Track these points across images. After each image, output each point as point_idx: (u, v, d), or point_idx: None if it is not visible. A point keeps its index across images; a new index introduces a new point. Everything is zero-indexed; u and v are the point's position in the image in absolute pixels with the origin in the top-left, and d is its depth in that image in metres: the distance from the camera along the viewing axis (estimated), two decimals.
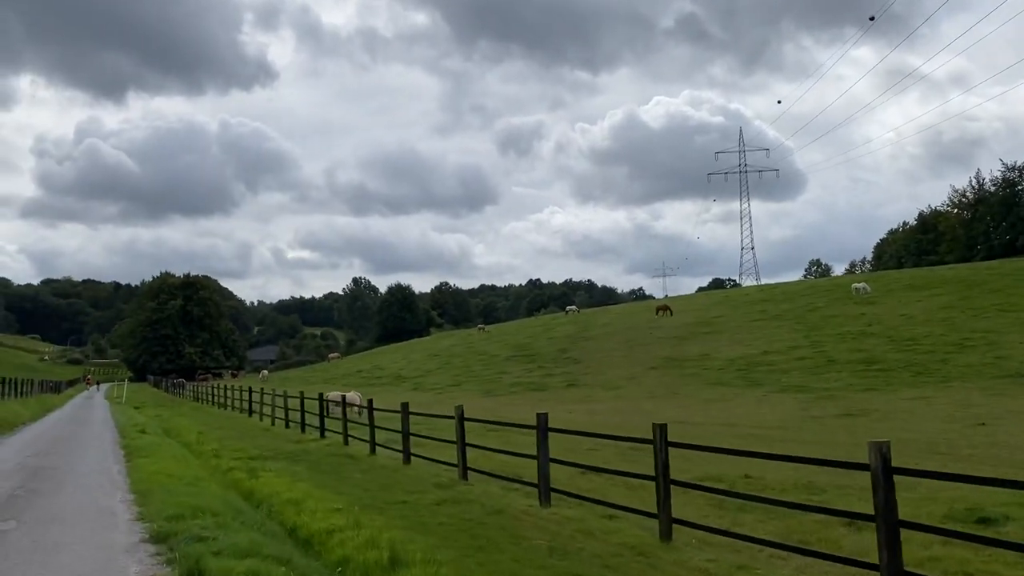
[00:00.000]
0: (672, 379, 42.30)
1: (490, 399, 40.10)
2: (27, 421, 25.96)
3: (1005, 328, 40.35)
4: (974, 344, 37.87)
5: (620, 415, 28.52)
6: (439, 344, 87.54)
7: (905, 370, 34.72)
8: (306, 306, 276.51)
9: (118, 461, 13.89)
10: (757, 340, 50.97)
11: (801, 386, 34.48)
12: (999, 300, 48.87)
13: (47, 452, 15.69)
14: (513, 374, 52.95)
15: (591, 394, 38.97)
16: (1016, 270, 59.50)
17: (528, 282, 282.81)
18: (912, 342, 41.42)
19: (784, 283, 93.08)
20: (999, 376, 29.89)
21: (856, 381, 33.97)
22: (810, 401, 30.45)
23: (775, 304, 66.67)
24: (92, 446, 17.37)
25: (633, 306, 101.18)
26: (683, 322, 66.44)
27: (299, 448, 17.19)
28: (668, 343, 56.67)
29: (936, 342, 40.06)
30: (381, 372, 69.03)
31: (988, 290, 53.31)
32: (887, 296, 59.33)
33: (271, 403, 27.03)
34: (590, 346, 62.03)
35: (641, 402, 34.15)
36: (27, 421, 25.96)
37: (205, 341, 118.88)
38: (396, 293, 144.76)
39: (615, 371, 48.03)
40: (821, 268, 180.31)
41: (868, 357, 39.30)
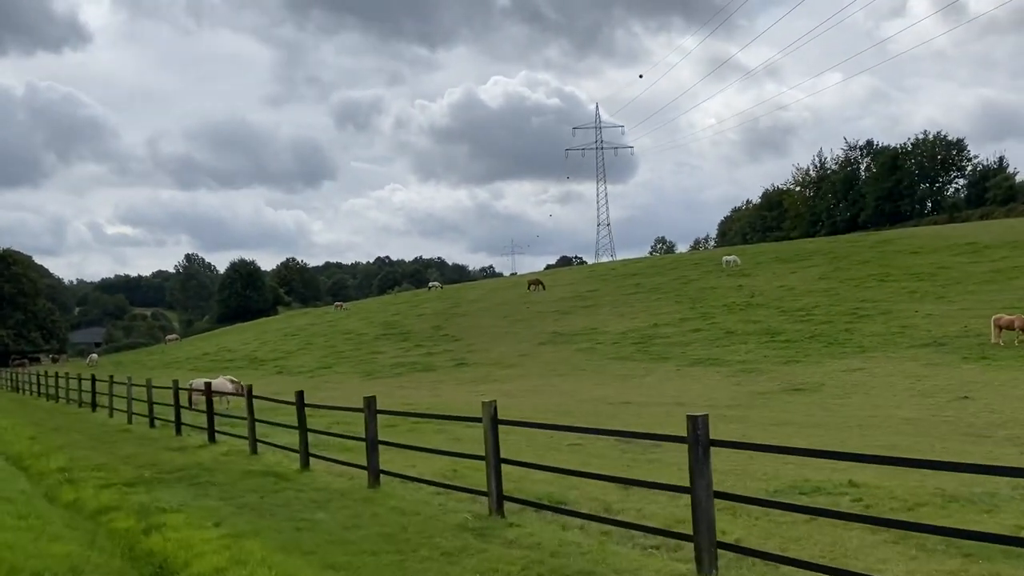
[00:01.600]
0: (568, 354, 39.59)
1: (375, 382, 35.81)
2: None
3: (890, 298, 40.40)
4: (868, 314, 37.47)
5: (544, 396, 25.25)
6: (293, 323, 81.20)
7: (813, 340, 33.56)
8: (132, 284, 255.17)
9: None
10: (641, 313, 49.39)
11: (714, 359, 32.57)
12: (873, 271, 49.61)
13: None
14: (388, 354, 48.63)
15: (488, 373, 35.52)
16: (877, 242, 61.30)
17: (376, 260, 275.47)
18: (804, 312, 40.78)
19: (648, 257, 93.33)
20: (917, 346, 28.99)
21: (770, 353, 32.42)
22: (735, 375, 28.39)
23: (647, 278, 65.83)
24: None
25: (499, 281, 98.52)
26: (558, 296, 64.43)
27: (191, 461, 12.46)
28: (549, 317, 54.24)
29: (828, 312, 39.55)
30: (231, 354, 62.48)
31: (856, 261, 54.29)
32: (758, 268, 59.54)
33: (125, 395, 21.45)
34: (465, 322, 58.62)
35: (550, 380, 31.05)
36: None
37: (19, 322, 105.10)
38: (239, 269, 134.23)
39: (502, 347, 44.87)
40: (666, 245, 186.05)
41: (766, 328, 38.15)
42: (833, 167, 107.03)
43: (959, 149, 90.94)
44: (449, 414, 12.13)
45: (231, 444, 14.58)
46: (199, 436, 16.25)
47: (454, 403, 23.99)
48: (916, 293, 40.31)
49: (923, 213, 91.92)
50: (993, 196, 79.73)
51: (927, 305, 36.86)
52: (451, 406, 22.32)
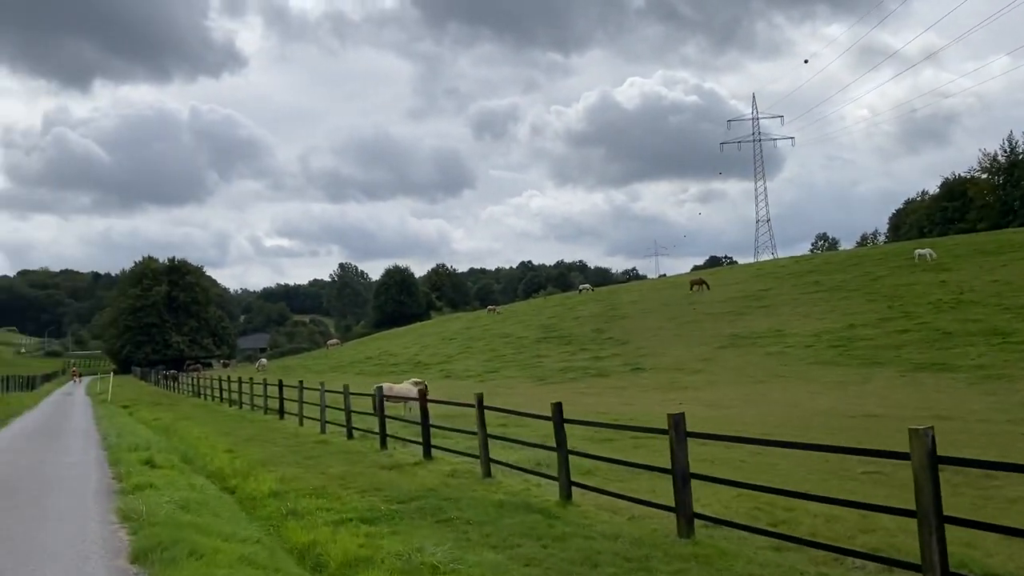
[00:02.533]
0: (756, 358, 36.12)
1: (548, 388, 33.71)
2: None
3: None
4: None
5: (759, 406, 22.20)
6: (449, 327, 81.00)
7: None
8: (291, 293, 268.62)
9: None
10: (830, 313, 44.96)
11: (939, 363, 28.36)
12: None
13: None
14: (553, 358, 46.62)
15: (672, 379, 32.64)
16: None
17: (520, 264, 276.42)
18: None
19: (819, 254, 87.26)
20: None
21: (1010, 356, 27.87)
22: (979, 382, 24.25)
23: (825, 275, 60.74)
24: (58, 518, 8.97)
25: (656, 282, 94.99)
26: (725, 296, 60.55)
27: (418, 485, 10.54)
28: (722, 319, 50.64)
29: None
30: (394, 358, 62.43)
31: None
32: (959, 262, 53.48)
33: (317, 402, 20.06)
34: (629, 325, 55.87)
35: (751, 387, 27.85)
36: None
37: (193, 329, 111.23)
38: (394, 276, 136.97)
39: (677, 351, 41.83)
40: (828, 242, 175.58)
41: (991, 328, 33.22)
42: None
43: None
44: (696, 431, 9.77)
45: (450, 461, 12.59)
46: (406, 450, 14.47)
47: (651, 412, 21.45)
48: None
49: None
50: None
51: None
52: (650, 416, 19.73)
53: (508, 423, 19.57)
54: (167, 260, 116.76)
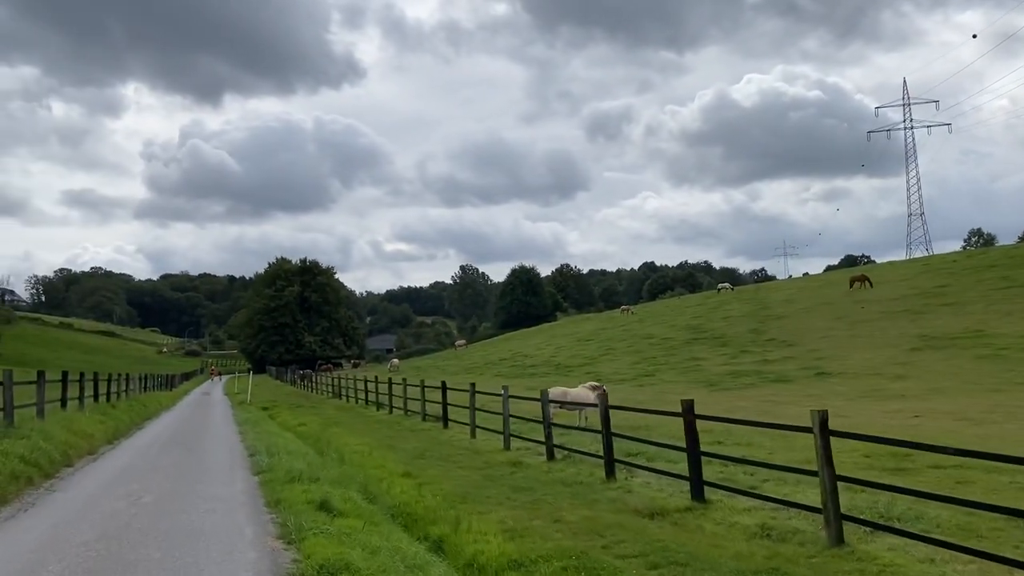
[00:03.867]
0: (967, 362, 30.79)
1: (724, 394, 29.60)
2: (98, 449, 15.34)
3: None
4: None
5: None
6: (582, 327, 77.39)
7: None
8: (413, 295, 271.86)
9: None
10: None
11: None
12: None
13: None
14: (713, 360, 42.26)
15: (876, 386, 27.85)
16: None
17: (642, 265, 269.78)
18: None
19: (998, 248, 78.66)
20: None
21: None
22: None
23: (1010, 270, 53.54)
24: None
25: (807, 280, 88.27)
26: (894, 294, 54.40)
27: (735, 557, 6.85)
28: (900, 318, 44.98)
29: None
30: (529, 359, 59.37)
31: None
32: None
33: (499, 411, 16.72)
34: (790, 325, 50.69)
35: (992, 396, 22.86)
36: (98, 449, 15.34)
37: (324, 329, 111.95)
38: (520, 276, 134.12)
39: (861, 354, 36.72)
40: (984, 238, 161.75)
41: None
42: None
43: None
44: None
45: (675, 489, 9.00)
46: (643, 482, 10.85)
47: (890, 426, 17.19)
48: None
49: None
50: None
51: None
52: (911, 432, 15.45)
53: (723, 439, 15.82)
54: (299, 261, 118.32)
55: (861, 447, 13.83)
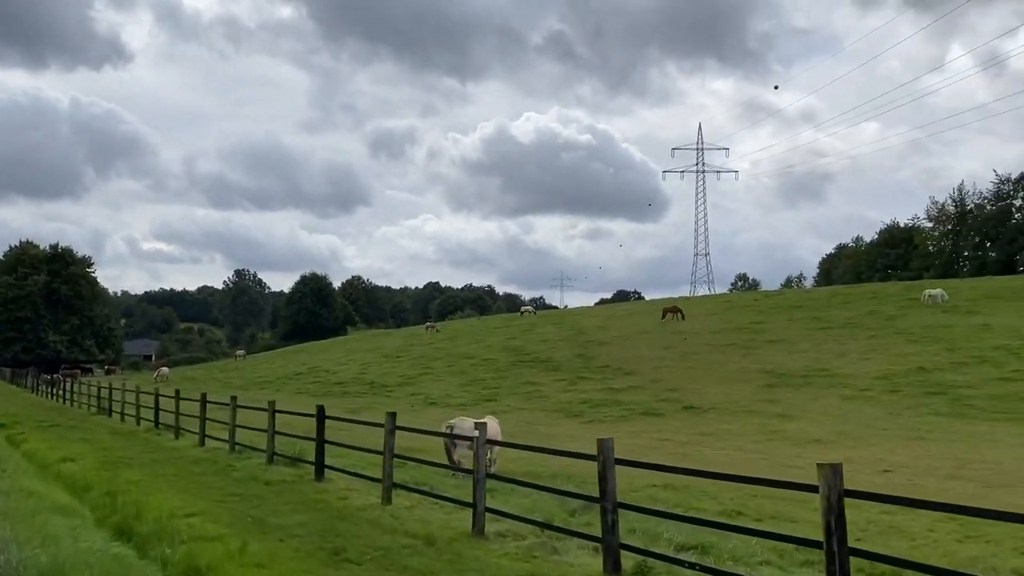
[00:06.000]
0: (838, 402, 29.17)
1: (608, 428, 25.54)
2: None
3: None
4: None
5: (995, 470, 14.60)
6: (386, 343, 71.53)
7: None
8: (177, 299, 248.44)
9: None
10: (876, 354, 38.81)
11: None
12: None
13: None
14: (552, 386, 38.55)
15: (772, 426, 25.05)
16: None
17: (427, 284, 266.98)
18: None
19: (795, 291, 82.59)
20: None
21: None
22: None
23: (822, 311, 55.20)
24: None
25: (613, 308, 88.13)
26: (714, 327, 54.17)
27: None
28: (732, 351, 44.03)
29: None
30: (332, 376, 52.72)
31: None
32: (980, 305, 48.75)
33: (374, 449, 11.02)
34: (617, 352, 48.40)
35: (927, 446, 20.44)
36: None
37: (74, 328, 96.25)
38: (310, 284, 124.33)
39: (715, 387, 34.50)
40: (748, 283, 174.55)
41: None
42: (975, 201, 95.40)
43: None
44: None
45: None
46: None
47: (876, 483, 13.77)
48: None
49: None
50: None
51: None
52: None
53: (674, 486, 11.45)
54: (48, 248, 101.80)
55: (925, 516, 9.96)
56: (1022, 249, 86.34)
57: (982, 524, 8.83)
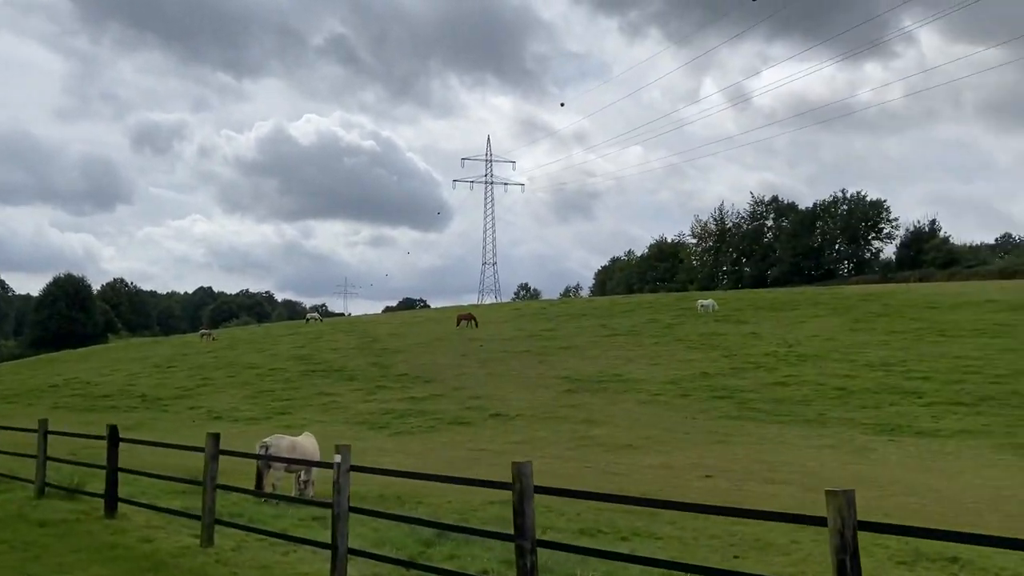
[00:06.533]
0: (635, 406, 30.14)
1: (422, 440, 24.49)
2: None
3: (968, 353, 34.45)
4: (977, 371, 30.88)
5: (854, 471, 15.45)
6: (156, 352, 65.42)
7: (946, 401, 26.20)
8: None
9: None
10: (661, 359, 40.85)
11: (893, 425, 24.25)
12: (896, 325, 44.08)
13: None
14: (349, 396, 36.86)
15: (581, 431, 25.16)
16: (865, 296, 56.58)
17: (198, 290, 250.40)
18: (884, 367, 33.82)
19: (574, 300, 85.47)
20: None
21: (945, 413, 24.57)
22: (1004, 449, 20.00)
23: (608, 319, 57.72)
24: None
25: (407, 315, 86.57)
26: (507, 335, 54.90)
27: None
28: (527, 358, 44.66)
29: (929, 367, 32.73)
30: (96, 388, 47.17)
31: (870, 313, 48.88)
32: (747, 315, 53.02)
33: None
34: (415, 360, 47.42)
35: (729, 448, 21.28)
36: None
37: None
38: (64, 287, 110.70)
39: (517, 393, 34.55)
40: (530, 293, 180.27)
41: (893, 386, 30.42)
42: (733, 220, 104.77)
43: (879, 210, 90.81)
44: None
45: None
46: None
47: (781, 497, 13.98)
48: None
49: (843, 273, 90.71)
50: (932, 259, 79.01)
51: None
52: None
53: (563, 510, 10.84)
54: None
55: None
56: (773, 265, 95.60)
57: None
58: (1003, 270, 69.53)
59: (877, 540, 8.74)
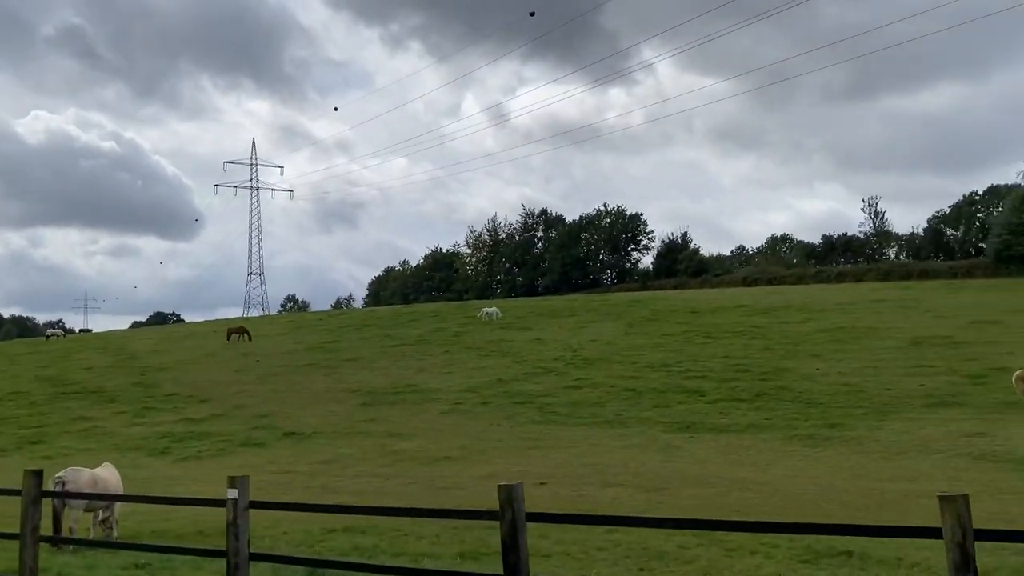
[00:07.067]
0: (437, 417, 29.50)
1: (193, 465, 22.09)
2: None
3: (759, 355, 37.65)
4: (767, 370, 33.86)
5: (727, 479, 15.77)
6: None
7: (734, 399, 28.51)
8: None
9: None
10: (455, 368, 40.64)
11: (696, 423, 25.60)
12: (666, 328, 47.27)
13: None
14: (114, 421, 32.88)
15: (393, 445, 23.97)
16: (634, 301, 60.03)
17: None
18: (664, 368, 36.00)
19: (348, 311, 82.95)
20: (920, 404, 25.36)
21: (730, 409, 26.45)
22: (801, 443, 21.67)
23: (394, 329, 56.86)
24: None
25: (170, 329, 79.25)
26: (285, 348, 52.32)
27: None
28: (314, 371, 42.74)
29: (689, 367, 35.23)
30: None
31: (638, 318, 51.91)
32: (530, 322, 54.36)
33: None
34: (185, 378, 43.61)
35: (547, 453, 21.14)
36: None
37: None
38: None
39: (308, 410, 32.62)
40: (299, 304, 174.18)
41: (691, 388, 32.10)
42: (508, 232, 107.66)
43: (637, 223, 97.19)
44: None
45: None
46: None
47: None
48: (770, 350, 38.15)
49: (607, 281, 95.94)
50: (685, 268, 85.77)
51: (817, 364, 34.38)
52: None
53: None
54: None
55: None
56: (543, 274, 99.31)
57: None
58: (745, 278, 77.21)
59: (764, 540, 8.71)
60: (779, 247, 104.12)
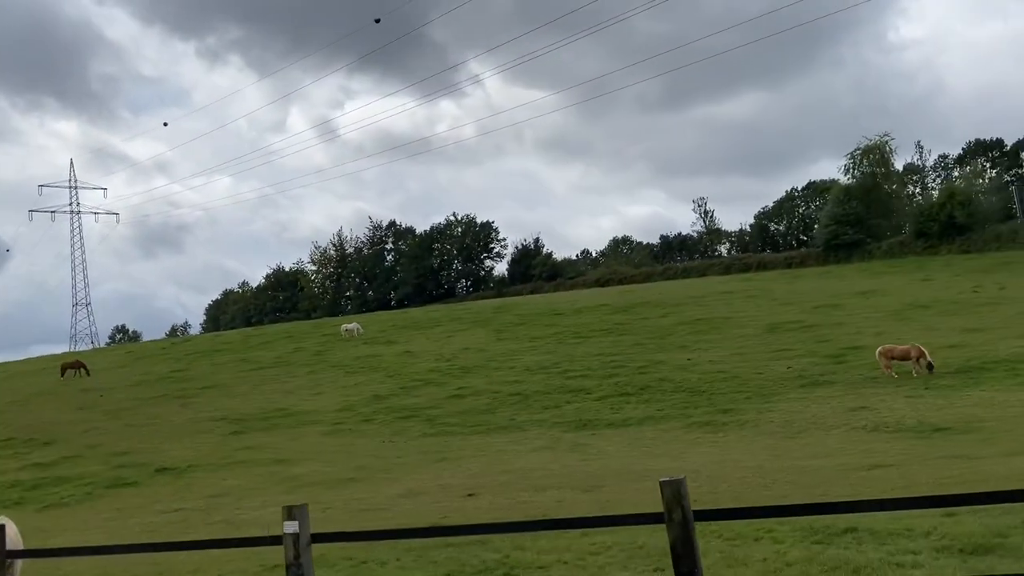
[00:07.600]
0: (320, 438, 28.11)
1: (59, 513, 19.82)
2: None
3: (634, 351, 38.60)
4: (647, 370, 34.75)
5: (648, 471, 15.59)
6: None
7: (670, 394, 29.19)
8: None
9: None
10: (328, 387, 39.11)
11: (590, 420, 25.71)
12: (535, 331, 47.75)
13: None
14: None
15: (289, 472, 22.44)
16: (499, 307, 60.08)
17: None
18: (543, 370, 36.33)
19: (196, 336, 77.88)
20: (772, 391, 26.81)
21: (619, 404, 26.92)
22: (775, 436, 22.16)
23: (248, 351, 54.30)
24: None
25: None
26: (130, 381, 48.78)
27: None
28: (167, 403, 39.78)
29: (567, 367, 35.75)
30: None
31: (505, 323, 52.08)
32: (396, 335, 53.31)
33: None
34: (21, 420, 39.35)
35: (444, 466, 20.44)
36: None
37: None
38: None
39: (173, 443, 30.20)
40: (129, 335, 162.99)
41: (553, 386, 32.44)
42: (355, 246, 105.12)
43: (488, 231, 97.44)
44: None
45: None
46: None
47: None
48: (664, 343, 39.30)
49: (462, 290, 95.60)
50: (539, 273, 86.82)
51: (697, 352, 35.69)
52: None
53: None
54: None
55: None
56: (396, 287, 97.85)
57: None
58: (598, 279, 79.45)
59: (756, 525, 8.61)
60: (621, 248, 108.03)
